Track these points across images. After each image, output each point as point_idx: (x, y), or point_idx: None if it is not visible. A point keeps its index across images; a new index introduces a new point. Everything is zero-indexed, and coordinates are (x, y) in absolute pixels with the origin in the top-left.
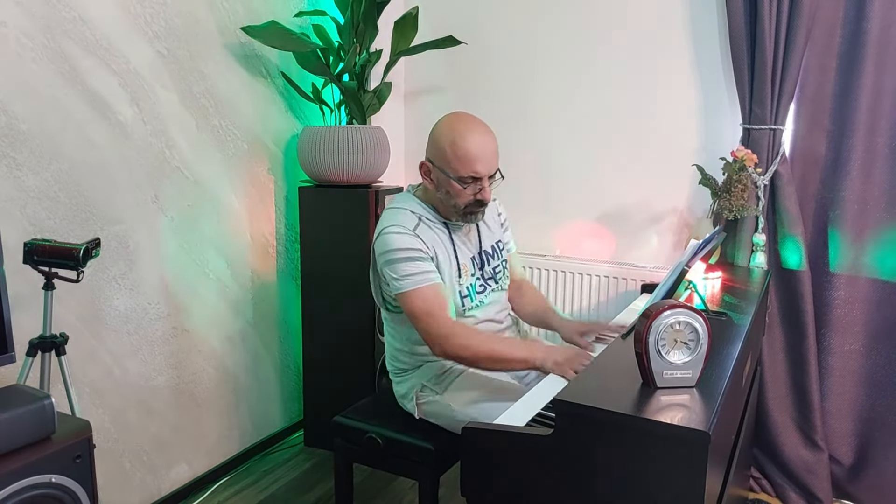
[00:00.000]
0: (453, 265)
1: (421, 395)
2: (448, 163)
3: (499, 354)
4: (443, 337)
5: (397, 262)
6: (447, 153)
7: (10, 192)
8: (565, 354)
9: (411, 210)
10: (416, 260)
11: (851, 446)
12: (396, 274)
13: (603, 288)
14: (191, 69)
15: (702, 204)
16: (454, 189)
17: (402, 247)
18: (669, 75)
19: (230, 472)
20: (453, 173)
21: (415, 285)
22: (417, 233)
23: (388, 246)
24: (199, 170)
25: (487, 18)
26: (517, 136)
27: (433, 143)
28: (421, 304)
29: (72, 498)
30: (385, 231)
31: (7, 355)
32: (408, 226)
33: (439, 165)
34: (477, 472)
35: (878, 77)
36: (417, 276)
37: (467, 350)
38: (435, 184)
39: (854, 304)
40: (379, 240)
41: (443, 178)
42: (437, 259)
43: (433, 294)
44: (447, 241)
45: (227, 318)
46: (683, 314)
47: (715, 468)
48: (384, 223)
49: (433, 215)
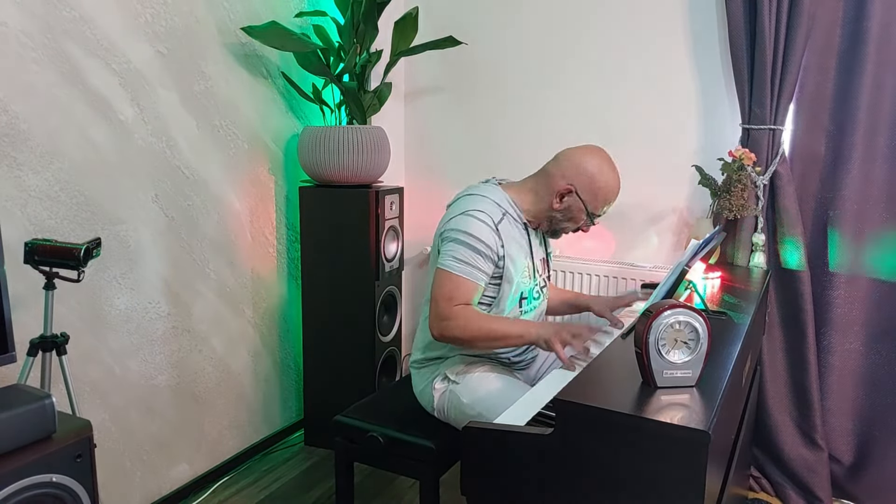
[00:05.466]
0: (528, 264)
1: (439, 387)
2: (594, 199)
3: (495, 333)
4: (444, 319)
5: (463, 244)
6: (598, 193)
7: (10, 191)
8: (554, 328)
9: (498, 202)
10: (479, 253)
11: (851, 445)
12: (453, 252)
13: (603, 288)
14: (191, 69)
15: (701, 204)
16: (577, 217)
17: (477, 235)
18: (669, 75)
19: (231, 472)
20: (589, 207)
21: (458, 272)
22: (499, 227)
23: (466, 228)
24: (200, 169)
25: (487, 18)
26: (517, 136)
27: (584, 174)
28: (449, 289)
29: (72, 497)
30: (469, 213)
31: (8, 355)
32: (494, 217)
33: (584, 197)
34: (477, 471)
35: (877, 77)
36: (468, 266)
37: (465, 331)
38: (564, 206)
39: (854, 304)
40: (460, 217)
41: (576, 206)
42: (511, 257)
43: (465, 287)
44: (526, 240)
45: (228, 318)
46: (683, 314)
47: (715, 468)
48: (471, 205)
49: (517, 214)
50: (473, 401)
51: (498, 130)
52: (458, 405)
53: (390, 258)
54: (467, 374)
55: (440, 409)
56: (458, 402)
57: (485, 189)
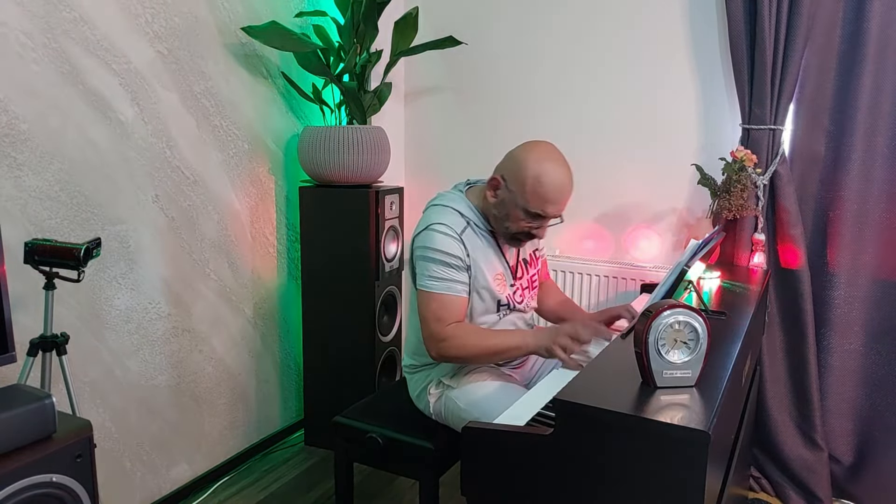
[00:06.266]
0: (496, 273)
1: (434, 392)
2: (523, 191)
3: (493, 348)
4: (440, 340)
5: (433, 261)
6: (526, 183)
7: (10, 191)
8: (550, 335)
9: (461, 212)
10: (450, 266)
11: (851, 445)
12: (427, 272)
13: (603, 288)
14: (191, 69)
15: (701, 204)
16: (514, 215)
17: (443, 249)
18: (669, 75)
19: (230, 472)
20: (522, 202)
21: (438, 290)
22: (463, 237)
23: (430, 243)
24: (200, 169)
25: (487, 18)
26: (516, 135)
27: (516, 165)
28: (435, 309)
29: (72, 497)
30: (431, 227)
31: (8, 355)
32: (456, 228)
33: (512, 189)
34: (477, 471)
35: (877, 77)
36: (445, 282)
37: (463, 350)
38: (498, 200)
39: (854, 304)
40: (424, 233)
41: (509, 200)
42: (477, 266)
43: (450, 304)
44: (492, 249)
45: (228, 318)
46: (683, 314)
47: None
48: (432, 218)
49: (481, 222)
50: (470, 405)
51: (497, 130)
52: (455, 410)
53: (390, 258)
54: (462, 378)
55: (437, 414)
56: (454, 406)
57: (449, 198)
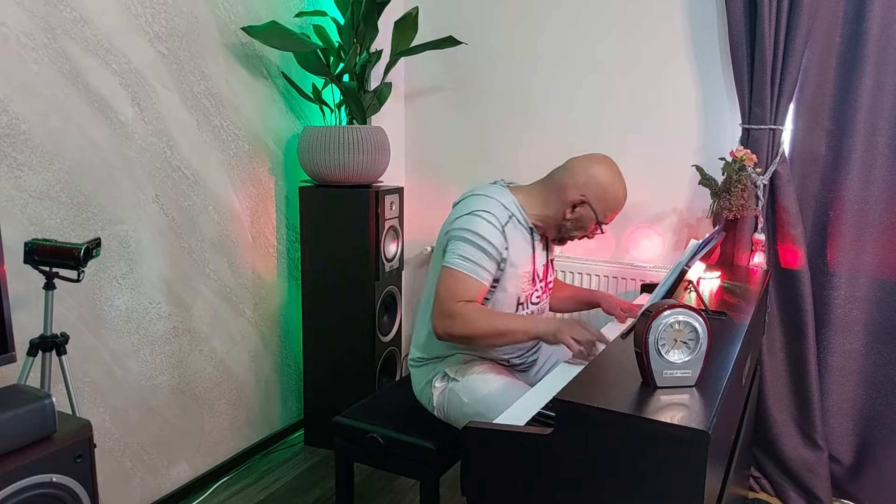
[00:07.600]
0: (529, 269)
1: (439, 385)
2: (605, 209)
3: (499, 328)
4: (449, 317)
5: (469, 242)
6: (608, 201)
7: (10, 191)
8: (560, 322)
9: (505, 205)
10: (483, 252)
11: (851, 445)
12: (459, 250)
13: (603, 288)
14: (191, 69)
15: (701, 204)
16: (588, 225)
17: (483, 234)
18: (669, 75)
19: (231, 472)
20: (600, 216)
21: (463, 269)
22: (505, 229)
23: (473, 227)
24: (200, 169)
25: (487, 18)
26: (516, 136)
27: (596, 185)
28: (453, 286)
29: (72, 497)
30: (477, 213)
31: (8, 355)
32: (501, 219)
33: (596, 207)
34: (477, 471)
35: (877, 77)
36: (473, 264)
37: (468, 328)
38: (575, 216)
39: (854, 304)
40: (467, 217)
41: (587, 216)
42: (511, 260)
43: (470, 285)
44: (529, 245)
45: (228, 318)
46: (683, 314)
47: (715, 468)
48: (478, 205)
49: (523, 218)
50: (473, 400)
51: (498, 130)
52: (458, 404)
53: (390, 258)
54: (467, 372)
55: (439, 408)
56: (457, 400)
57: (492, 190)
